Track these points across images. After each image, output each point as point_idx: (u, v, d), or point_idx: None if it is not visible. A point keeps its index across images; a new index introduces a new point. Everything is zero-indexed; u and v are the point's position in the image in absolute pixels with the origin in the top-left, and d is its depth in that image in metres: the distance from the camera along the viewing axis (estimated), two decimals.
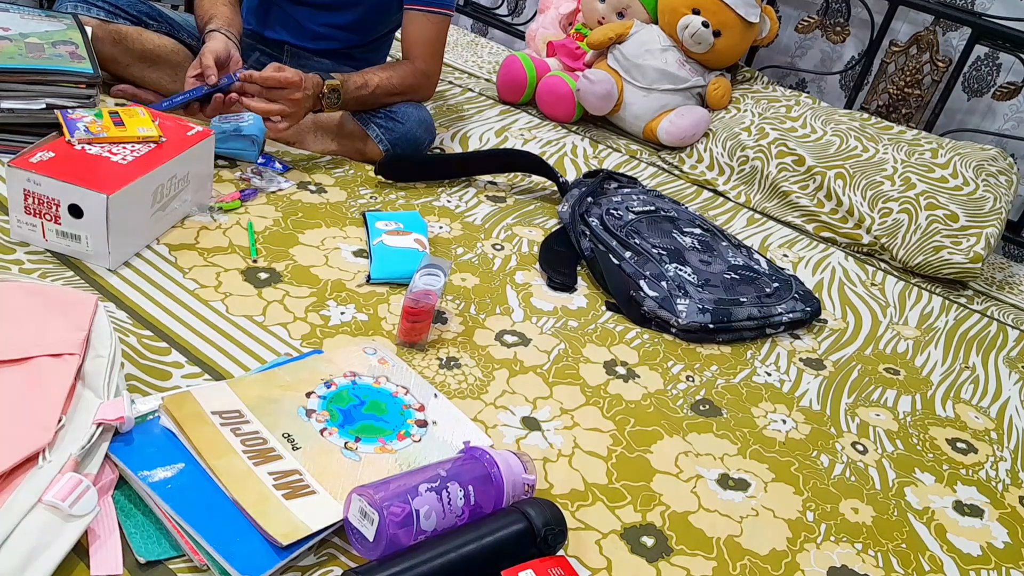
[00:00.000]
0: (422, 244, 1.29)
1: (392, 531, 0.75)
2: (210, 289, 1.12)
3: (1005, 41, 1.89)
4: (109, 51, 1.51)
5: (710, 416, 1.12)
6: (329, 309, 1.14)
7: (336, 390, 0.97)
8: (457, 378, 1.07)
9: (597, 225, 1.45)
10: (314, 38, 1.67)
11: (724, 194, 1.86)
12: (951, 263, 1.65)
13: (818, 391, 1.23)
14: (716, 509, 0.96)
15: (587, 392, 1.11)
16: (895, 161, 1.80)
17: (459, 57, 2.37)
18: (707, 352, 1.26)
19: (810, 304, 1.39)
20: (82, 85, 1.31)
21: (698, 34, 1.94)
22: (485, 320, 1.21)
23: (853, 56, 2.12)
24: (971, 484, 1.11)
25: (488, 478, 0.83)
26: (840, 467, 1.08)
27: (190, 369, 0.98)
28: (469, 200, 1.55)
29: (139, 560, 0.73)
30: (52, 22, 1.42)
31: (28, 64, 1.26)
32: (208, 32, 1.47)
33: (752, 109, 2.00)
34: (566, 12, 2.24)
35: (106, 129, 1.17)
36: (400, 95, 1.57)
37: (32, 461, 0.74)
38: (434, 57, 1.62)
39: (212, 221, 1.27)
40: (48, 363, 0.84)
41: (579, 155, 1.88)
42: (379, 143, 1.55)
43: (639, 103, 1.99)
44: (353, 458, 0.88)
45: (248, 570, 0.73)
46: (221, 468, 0.81)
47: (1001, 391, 1.35)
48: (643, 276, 1.33)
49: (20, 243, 1.11)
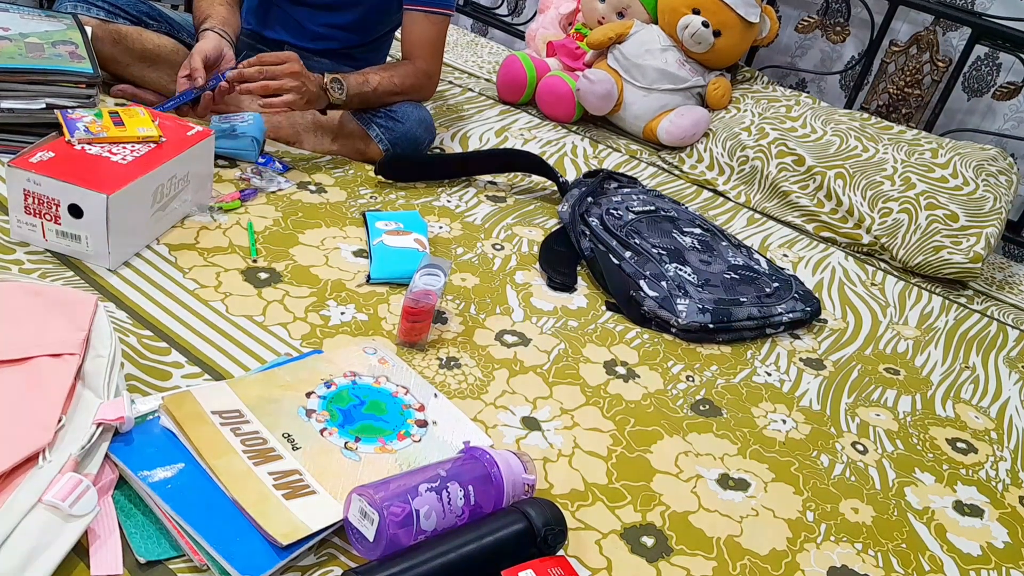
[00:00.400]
0: (422, 244, 1.29)
1: (392, 531, 0.75)
2: (210, 289, 1.12)
3: (1005, 41, 1.89)
4: (109, 51, 1.51)
5: (710, 416, 1.12)
6: (329, 309, 1.14)
7: (336, 390, 0.97)
8: (457, 378, 1.07)
9: (597, 225, 1.45)
10: (314, 38, 1.68)
11: (724, 194, 1.86)
12: (951, 263, 1.65)
13: (818, 391, 1.23)
14: (716, 509, 0.96)
15: (587, 392, 1.11)
16: (895, 161, 1.80)
17: (459, 57, 2.37)
18: (707, 352, 1.26)
19: (810, 304, 1.39)
20: (82, 85, 1.31)
21: (698, 34, 1.94)
22: (485, 320, 1.21)
23: (853, 56, 2.12)
24: (971, 484, 1.11)
25: (488, 478, 0.83)
26: (840, 467, 1.08)
27: (190, 369, 0.98)
28: (469, 200, 1.55)
29: (139, 560, 0.73)
30: (52, 22, 1.42)
31: (28, 64, 1.26)
32: (202, 31, 1.47)
33: (752, 109, 2.00)
34: (566, 12, 2.24)
35: (106, 129, 1.17)
36: (401, 94, 1.57)
37: (32, 461, 0.74)
38: (435, 57, 1.63)
39: (212, 221, 1.27)
40: (48, 363, 0.84)
41: (579, 155, 1.88)
42: (379, 142, 1.55)
43: (639, 103, 1.99)
44: (353, 458, 0.88)
45: (248, 570, 0.73)
46: (221, 468, 0.81)
47: (1001, 391, 1.35)
48: (643, 276, 1.33)
49: (20, 243, 1.11)
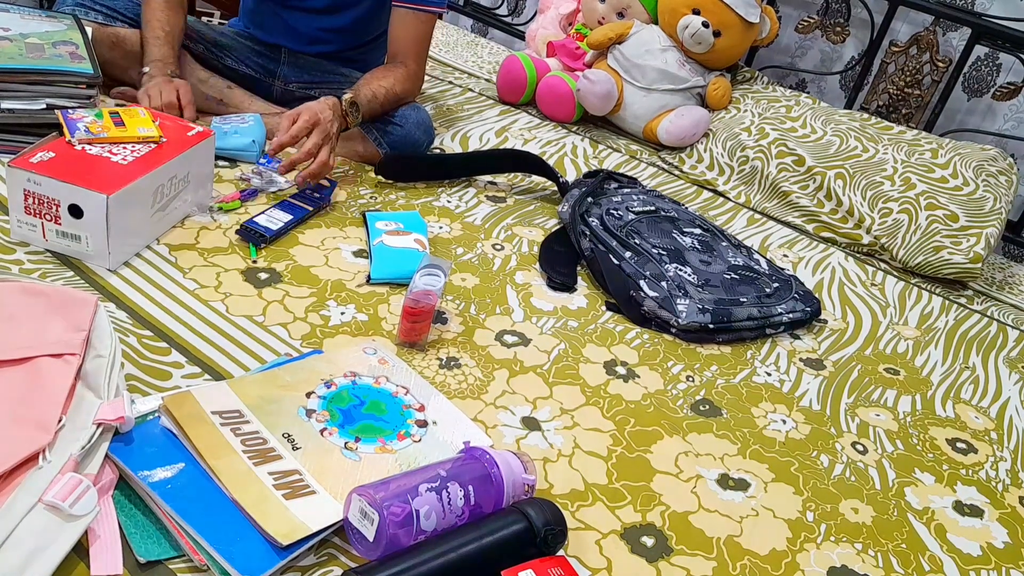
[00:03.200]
0: (422, 244, 1.29)
1: (392, 531, 0.75)
2: (210, 289, 1.12)
3: (1005, 41, 1.89)
4: (107, 55, 1.51)
5: (710, 416, 1.12)
6: (329, 309, 1.14)
7: (336, 390, 0.97)
8: (457, 378, 1.07)
9: (597, 225, 1.45)
10: (310, 42, 1.67)
11: (724, 194, 1.86)
12: (951, 263, 1.65)
13: (818, 391, 1.23)
14: (716, 509, 0.96)
15: (587, 392, 1.11)
16: (895, 161, 1.80)
17: (459, 57, 2.37)
18: (707, 352, 1.26)
19: (810, 304, 1.39)
20: (82, 85, 1.31)
21: (698, 34, 1.94)
22: (485, 320, 1.21)
23: (853, 56, 2.12)
24: (971, 484, 1.11)
25: (488, 478, 0.83)
26: (840, 467, 1.08)
27: (190, 369, 0.98)
28: (469, 200, 1.55)
29: (139, 560, 0.73)
30: (52, 22, 1.42)
31: (28, 64, 1.26)
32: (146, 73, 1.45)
33: (752, 109, 2.00)
34: (566, 12, 2.24)
35: (106, 129, 1.17)
36: (400, 101, 1.58)
37: (32, 461, 0.74)
38: (423, 56, 1.62)
39: (212, 221, 1.27)
40: (48, 363, 0.84)
41: (579, 155, 1.88)
42: (378, 147, 1.55)
43: (639, 103, 1.99)
44: (353, 458, 0.88)
45: (248, 570, 0.73)
46: (221, 468, 0.81)
47: (1001, 391, 1.35)
48: (643, 276, 1.33)
49: (20, 243, 1.11)
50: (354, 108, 1.46)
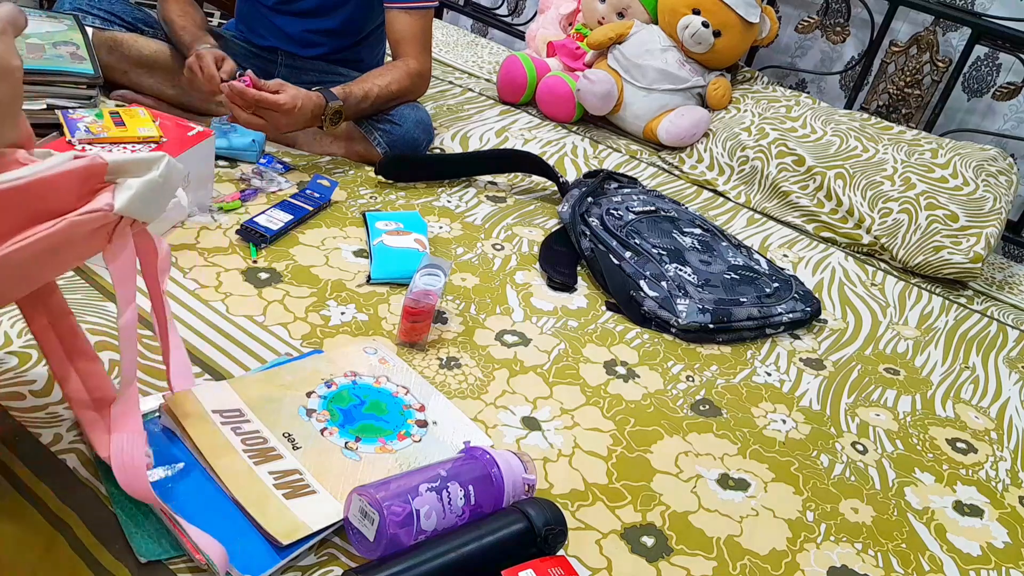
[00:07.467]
0: (422, 244, 1.29)
1: (392, 531, 0.75)
2: (210, 289, 1.12)
3: (1005, 41, 1.89)
4: (106, 58, 1.51)
5: (710, 416, 1.12)
6: (329, 309, 1.14)
7: (336, 390, 0.97)
8: (457, 378, 1.07)
9: (597, 225, 1.45)
10: (303, 44, 1.66)
11: (724, 194, 1.86)
12: (951, 263, 1.65)
13: (818, 391, 1.23)
14: (716, 509, 0.96)
15: (587, 392, 1.11)
16: (895, 161, 1.80)
17: (459, 57, 2.37)
18: (707, 352, 1.26)
19: (810, 304, 1.39)
20: (82, 85, 1.31)
21: (698, 34, 1.94)
22: (485, 320, 1.21)
23: (853, 56, 2.12)
24: (971, 484, 1.11)
25: (488, 478, 0.83)
26: (840, 467, 1.08)
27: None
28: (469, 200, 1.55)
29: (139, 560, 0.73)
30: (52, 23, 1.42)
31: (28, 64, 1.26)
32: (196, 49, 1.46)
33: (752, 109, 2.00)
34: (566, 12, 2.24)
35: (107, 129, 1.17)
36: (398, 99, 1.57)
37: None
38: (424, 53, 1.61)
39: (212, 221, 1.27)
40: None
41: (579, 155, 1.88)
42: (377, 146, 1.55)
43: (639, 103, 1.99)
44: (353, 458, 0.88)
45: (248, 570, 0.73)
46: (221, 467, 0.81)
47: (1001, 391, 1.35)
48: (643, 276, 1.33)
49: None
50: (336, 117, 1.46)
